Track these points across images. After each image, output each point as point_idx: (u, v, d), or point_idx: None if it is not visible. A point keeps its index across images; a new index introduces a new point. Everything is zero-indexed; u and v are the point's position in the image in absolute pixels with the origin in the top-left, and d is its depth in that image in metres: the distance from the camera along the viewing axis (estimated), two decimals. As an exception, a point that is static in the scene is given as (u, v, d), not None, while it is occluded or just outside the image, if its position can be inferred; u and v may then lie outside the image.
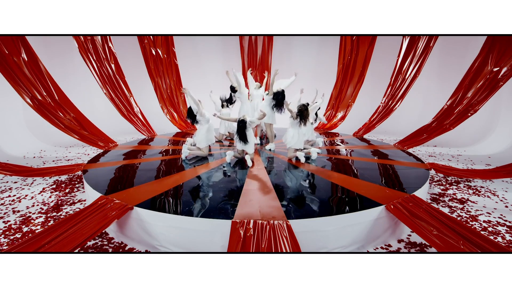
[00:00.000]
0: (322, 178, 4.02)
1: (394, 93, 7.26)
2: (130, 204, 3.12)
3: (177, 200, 3.30)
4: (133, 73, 8.27)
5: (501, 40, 5.47)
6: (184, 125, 8.11)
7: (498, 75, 5.52)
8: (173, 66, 8.26)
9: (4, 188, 4.70)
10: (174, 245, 2.95)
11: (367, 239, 3.07)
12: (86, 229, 2.80)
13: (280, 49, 9.47)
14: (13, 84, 5.36)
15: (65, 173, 4.83)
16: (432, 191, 4.55)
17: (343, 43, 8.06)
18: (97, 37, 6.82)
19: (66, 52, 8.10)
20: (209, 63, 9.70)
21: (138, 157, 5.30)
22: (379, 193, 3.42)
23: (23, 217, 3.75)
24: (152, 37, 7.80)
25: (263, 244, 2.56)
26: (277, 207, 3.06)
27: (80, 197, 4.34)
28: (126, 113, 7.28)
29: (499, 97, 6.88)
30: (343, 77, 8.14)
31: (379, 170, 4.47)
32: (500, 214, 3.80)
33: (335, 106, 8.22)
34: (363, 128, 7.49)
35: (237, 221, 2.75)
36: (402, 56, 7.15)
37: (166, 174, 4.27)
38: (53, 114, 5.79)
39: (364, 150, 5.76)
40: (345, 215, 2.94)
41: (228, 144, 5.98)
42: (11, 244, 3.10)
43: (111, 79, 7.08)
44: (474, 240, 2.64)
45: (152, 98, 8.24)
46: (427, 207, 3.18)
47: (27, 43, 5.40)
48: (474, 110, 5.81)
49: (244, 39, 8.82)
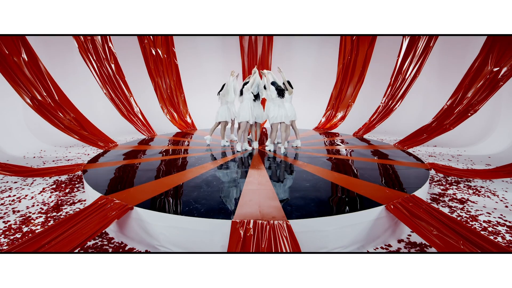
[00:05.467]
0: (322, 178, 4.02)
1: (394, 93, 7.26)
2: (130, 204, 3.12)
3: (177, 200, 3.30)
4: (133, 73, 8.28)
5: (501, 40, 5.48)
6: (184, 125, 8.11)
7: (498, 75, 5.52)
8: (173, 66, 8.26)
9: (4, 188, 4.70)
10: (174, 245, 2.95)
11: (367, 239, 3.07)
12: (86, 229, 2.80)
13: (280, 49, 9.47)
14: (13, 84, 5.36)
15: (65, 173, 4.83)
16: (432, 191, 4.55)
17: (343, 43, 8.06)
18: (97, 37, 6.82)
19: (66, 52, 8.10)
20: (209, 63, 9.70)
21: (138, 157, 5.30)
22: (379, 193, 3.42)
23: (23, 217, 3.75)
24: (152, 37, 7.79)
25: (263, 244, 2.56)
26: (277, 207, 3.06)
27: (80, 197, 4.34)
28: (126, 113, 7.28)
29: (499, 97, 6.88)
30: (343, 77, 8.14)
31: (379, 170, 4.47)
32: (500, 214, 3.80)
33: (335, 106, 8.22)
34: (363, 128, 7.49)
35: (237, 221, 2.75)
36: (402, 56, 7.15)
37: (166, 174, 4.27)
38: (53, 114, 5.79)
39: (364, 150, 5.76)
40: (345, 215, 2.94)
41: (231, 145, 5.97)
42: (11, 244, 3.10)
43: (111, 79, 7.08)
44: (474, 240, 2.64)
45: (152, 98, 8.24)
46: (427, 207, 3.18)
47: (27, 43, 5.40)
48: (474, 110, 5.81)
49: (244, 39, 8.82)
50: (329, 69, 8.96)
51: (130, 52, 8.31)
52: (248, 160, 4.83)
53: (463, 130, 6.87)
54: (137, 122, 7.39)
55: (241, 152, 5.29)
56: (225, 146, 5.71)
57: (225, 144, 5.75)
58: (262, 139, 6.14)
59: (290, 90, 5.08)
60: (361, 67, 7.85)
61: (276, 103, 5.00)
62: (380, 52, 8.07)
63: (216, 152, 5.42)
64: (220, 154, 5.29)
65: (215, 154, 5.34)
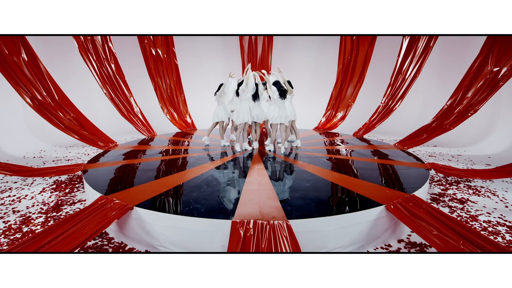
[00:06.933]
0: (322, 178, 4.02)
1: (394, 93, 7.27)
2: (130, 204, 3.12)
3: (177, 200, 3.30)
4: (133, 73, 8.27)
5: (501, 40, 5.48)
6: (184, 125, 8.11)
7: (498, 75, 5.52)
8: (173, 66, 8.26)
9: (4, 188, 4.70)
10: (174, 245, 2.95)
11: (367, 239, 3.07)
12: (86, 229, 2.80)
13: (280, 49, 9.47)
14: (13, 84, 5.36)
15: (65, 173, 4.83)
16: (432, 191, 4.55)
17: (343, 43, 8.06)
18: (97, 37, 6.82)
19: (66, 52, 8.09)
20: (209, 63, 9.70)
21: (138, 157, 5.30)
22: (379, 193, 3.42)
23: (23, 217, 3.75)
24: (152, 37, 7.80)
25: (263, 244, 2.56)
26: (277, 207, 3.06)
27: (80, 197, 4.34)
28: (126, 113, 7.28)
29: (499, 97, 6.88)
30: (343, 77, 8.14)
31: (379, 170, 4.47)
32: (500, 214, 3.80)
33: (335, 106, 8.22)
34: (363, 128, 7.49)
35: (237, 221, 2.75)
36: (402, 56, 7.15)
37: (166, 174, 4.27)
38: (53, 114, 5.79)
39: (364, 150, 5.76)
40: (345, 215, 2.94)
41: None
42: (11, 244, 3.10)
43: (111, 79, 7.08)
44: (474, 240, 2.64)
45: (152, 98, 8.24)
46: (427, 207, 3.18)
47: (27, 43, 5.40)
48: (474, 110, 5.81)
49: (244, 39, 8.82)
50: (329, 69, 8.96)
51: (130, 52, 8.31)
52: (248, 160, 4.83)
53: (463, 130, 6.87)
54: (137, 122, 7.39)
55: (241, 152, 5.29)
56: (225, 146, 5.70)
57: (225, 144, 5.74)
58: (262, 139, 6.14)
59: (290, 90, 5.08)
60: (361, 67, 7.85)
61: (277, 103, 5.00)
62: (380, 52, 8.07)
63: (216, 152, 5.42)
64: (220, 154, 5.29)
65: (215, 154, 5.34)
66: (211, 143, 5.87)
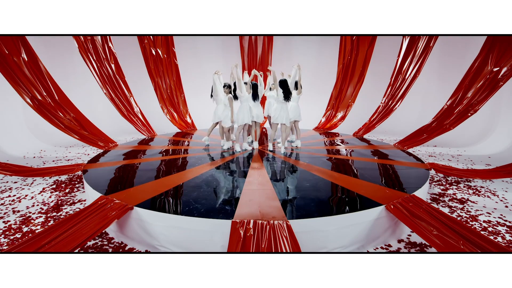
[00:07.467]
0: (322, 178, 4.02)
1: (394, 93, 7.26)
2: (130, 204, 3.12)
3: (177, 200, 3.30)
4: (133, 73, 8.27)
5: (501, 40, 5.47)
6: (184, 125, 8.11)
7: (498, 75, 5.52)
8: (173, 66, 8.26)
9: (4, 188, 4.70)
10: (174, 245, 2.95)
11: (367, 239, 3.06)
12: (86, 229, 2.80)
13: (280, 49, 9.47)
14: (13, 84, 5.36)
15: (65, 173, 4.83)
16: (432, 191, 4.55)
17: (343, 43, 8.06)
18: (97, 37, 6.82)
19: (66, 52, 8.09)
20: (209, 63, 9.68)
21: (138, 157, 5.30)
22: (379, 193, 3.42)
23: (23, 217, 3.75)
24: (152, 37, 7.80)
25: (263, 244, 2.56)
26: (277, 207, 3.06)
27: (80, 197, 4.34)
28: (126, 113, 7.28)
29: (499, 97, 6.88)
30: (343, 77, 8.14)
31: (379, 170, 4.47)
32: (500, 214, 3.80)
33: (335, 106, 8.22)
34: (363, 128, 7.49)
35: (237, 221, 2.75)
36: (402, 56, 7.15)
37: (166, 174, 4.27)
38: (53, 114, 5.79)
39: (364, 150, 5.76)
40: (345, 215, 2.94)
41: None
42: (11, 244, 3.10)
43: (111, 79, 7.08)
44: (474, 240, 2.64)
45: (152, 98, 8.24)
46: (427, 207, 3.18)
47: (27, 43, 5.40)
48: (474, 110, 5.81)
49: (244, 39, 8.83)
50: (329, 69, 8.96)
51: (130, 52, 8.30)
52: (248, 160, 4.83)
53: (463, 130, 6.87)
54: (137, 122, 7.39)
55: (241, 152, 5.29)
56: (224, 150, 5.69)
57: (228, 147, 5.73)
58: (262, 139, 6.14)
59: (300, 90, 5.14)
60: (361, 67, 7.85)
61: (280, 103, 5.02)
62: (380, 52, 8.07)
63: (216, 152, 5.42)
64: (220, 154, 5.29)
65: (215, 154, 5.34)
66: (211, 143, 5.87)
